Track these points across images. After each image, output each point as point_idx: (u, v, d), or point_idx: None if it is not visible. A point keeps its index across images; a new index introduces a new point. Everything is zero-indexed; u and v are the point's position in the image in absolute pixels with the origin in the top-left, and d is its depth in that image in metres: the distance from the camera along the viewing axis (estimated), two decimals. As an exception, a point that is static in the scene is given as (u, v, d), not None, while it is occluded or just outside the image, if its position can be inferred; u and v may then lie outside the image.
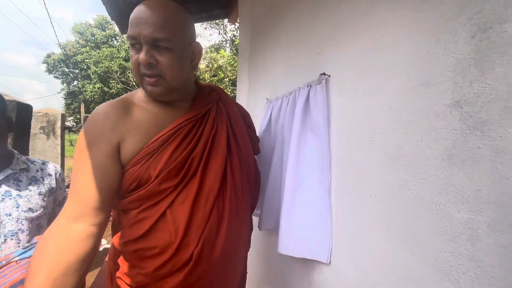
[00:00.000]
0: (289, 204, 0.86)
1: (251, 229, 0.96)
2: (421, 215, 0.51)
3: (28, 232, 0.99)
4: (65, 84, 18.36)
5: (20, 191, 0.99)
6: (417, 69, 0.52)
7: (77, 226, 0.60)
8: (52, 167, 1.15)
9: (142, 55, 0.62)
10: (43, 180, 1.09)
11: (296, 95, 0.97)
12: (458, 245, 0.44)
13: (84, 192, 0.61)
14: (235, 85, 10.56)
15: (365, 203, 0.66)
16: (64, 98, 18.12)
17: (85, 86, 15.62)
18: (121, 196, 0.70)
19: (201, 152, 0.71)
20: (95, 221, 0.62)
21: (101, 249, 3.12)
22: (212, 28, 12.12)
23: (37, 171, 1.09)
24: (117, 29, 17.42)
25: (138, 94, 0.73)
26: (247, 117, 0.93)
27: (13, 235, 0.95)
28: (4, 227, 0.93)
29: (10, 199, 0.96)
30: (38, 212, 1.03)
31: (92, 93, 15.21)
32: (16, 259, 0.80)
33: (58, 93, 18.70)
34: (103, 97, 15.47)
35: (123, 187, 0.67)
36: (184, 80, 0.70)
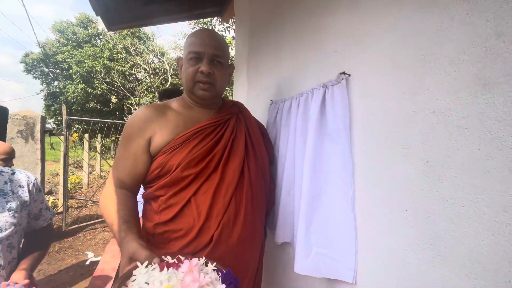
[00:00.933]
0: (307, 218, 0.77)
1: (265, 233, 1.00)
2: (479, 236, 0.44)
3: None
4: (45, 85, 17.47)
5: None
6: (472, 67, 0.45)
7: (123, 190, 0.80)
8: (24, 177, 0.99)
9: (204, 67, 0.82)
10: (13, 193, 0.93)
11: (308, 97, 0.89)
12: (536, 274, 0.37)
13: (122, 172, 0.82)
14: (225, 86, 10.40)
15: (399, 219, 0.58)
16: (44, 99, 17.24)
17: (67, 86, 14.92)
18: (149, 184, 0.84)
19: (221, 151, 0.84)
20: (131, 191, 0.83)
21: (87, 263, 2.92)
22: (200, 27, 11.93)
23: (6, 183, 0.93)
24: (100, 27, 16.82)
25: (175, 102, 0.91)
26: (263, 128, 1.09)
27: None
28: None
29: None
30: (8, 231, 0.88)
31: (75, 94, 14.55)
32: None
33: (38, 94, 17.80)
34: (86, 98, 14.84)
35: (151, 174, 0.82)
36: (224, 89, 0.92)
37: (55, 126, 16.32)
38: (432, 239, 0.51)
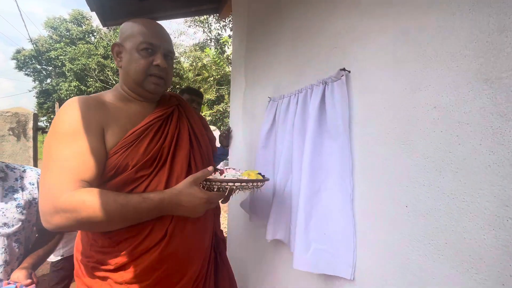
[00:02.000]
0: (306, 214, 0.77)
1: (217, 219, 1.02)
2: (480, 231, 0.44)
3: (4, 250, 0.88)
4: (37, 82, 17.17)
5: None
6: (474, 62, 0.45)
7: (82, 189, 0.68)
8: (34, 175, 1.02)
9: (161, 60, 0.80)
10: (23, 190, 0.96)
11: (307, 94, 0.89)
12: (537, 268, 0.37)
13: (83, 172, 0.69)
14: (221, 84, 10.35)
15: (399, 214, 0.58)
16: (37, 97, 16.94)
17: (60, 84, 14.69)
18: (99, 185, 0.74)
19: (168, 145, 0.82)
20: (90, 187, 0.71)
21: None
22: (196, 26, 11.84)
23: (16, 180, 0.96)
24: (94, 24, 16.58)
25: (108, 95, 0.83)
26: (203, 120, 1.08)
27: None
28: None
29: None
30: (15, 227, 0.91)
31: (68, 92, 14.33)
32: None
33: (30, 91, 17.48)
34: (80, 96, 14.63)
35: (105, 176, 0.74)
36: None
37: (48, 124, 16.03)
38: (433, 234, 0.51)
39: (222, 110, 9.53)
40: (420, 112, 0.54)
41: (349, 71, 0.74)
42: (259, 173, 0.80)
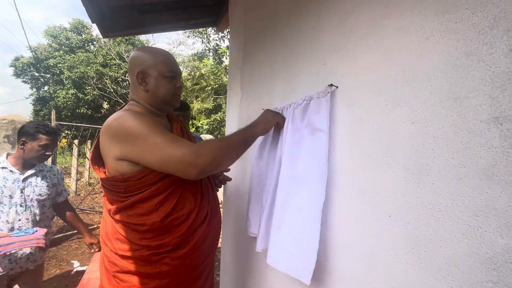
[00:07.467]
0: (279, 219, 0.83)
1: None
2: (455, 239, 0.46)
3: (36, 207, 1.61)
4: (34, 89, 17.14)
5: (37, 182, 1.63)
6: (445, 83, 0.49)
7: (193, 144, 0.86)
8: (56, 169, 1.80)
9: (181, 83, 1.03)
10: (50, 178, 1.71)
11: (297, 106, 0.92)
12: (504, 274, 0.40)
13: (185, 140, 0.88)
14: (218, 94, 10.47)
15: (383, 224, 0.61)
16: (33, 104, 16.88)
17: (57, 91, 14.69)
18: (144, 188, 0.90)
19: None
20: None
21: (73, 272, 2.82)
22: (195, 36, 12.06)
23: (47, 171, 1.72)
24: (94, 33, 16.77)
25: (138, 109, 0.98)
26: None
27: (28, 208, 1.58)
28: (26, 204, 1.57)
29: (31, 187, 1.60)
30: (44, 197, 1.65)
31: (65, 99, 14.32)
32: (9, 233, 1.34)
33: (26, 98, 17.43)
34: (77, 104, 14.62)
35: (155, 177, 0.89)
36: None
37: (44, 131, 15.86)
38: (413, 243, 0.54)
39: (219, 119, 9.59)
40: (400, 127, 0.58)
41: (337, 87, 0.78)
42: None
